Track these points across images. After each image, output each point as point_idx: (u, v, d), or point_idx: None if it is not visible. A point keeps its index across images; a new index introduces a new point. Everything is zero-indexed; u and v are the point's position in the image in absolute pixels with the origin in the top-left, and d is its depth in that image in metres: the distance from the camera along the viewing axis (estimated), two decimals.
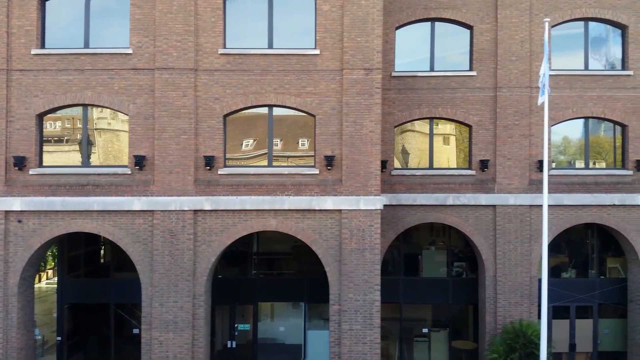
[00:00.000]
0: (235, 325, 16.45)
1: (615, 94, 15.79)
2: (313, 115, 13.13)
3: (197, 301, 13.01)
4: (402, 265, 17.07)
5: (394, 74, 15.82)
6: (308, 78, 13.01)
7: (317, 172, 13.05)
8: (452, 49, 16.28)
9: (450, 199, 15.74)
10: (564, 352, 16.79)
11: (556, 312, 16.69)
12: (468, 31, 16.03)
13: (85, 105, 13.44)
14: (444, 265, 17.08)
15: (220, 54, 13.03)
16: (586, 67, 16.06)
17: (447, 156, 16.53)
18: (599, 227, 16.61)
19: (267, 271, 16.90)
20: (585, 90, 15.79)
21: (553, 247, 17.11)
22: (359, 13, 12.89)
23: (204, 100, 13.02)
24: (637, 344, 15.99)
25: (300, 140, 13.72)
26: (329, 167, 12.92)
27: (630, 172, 15.79)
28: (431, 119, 16.15)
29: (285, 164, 13.44)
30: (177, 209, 12.88)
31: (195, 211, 12.93)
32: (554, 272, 16.95)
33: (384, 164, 15.74)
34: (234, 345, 16.36)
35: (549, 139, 13.18)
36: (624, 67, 15.99)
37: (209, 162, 12.89)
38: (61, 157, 13.68)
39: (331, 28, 12.99)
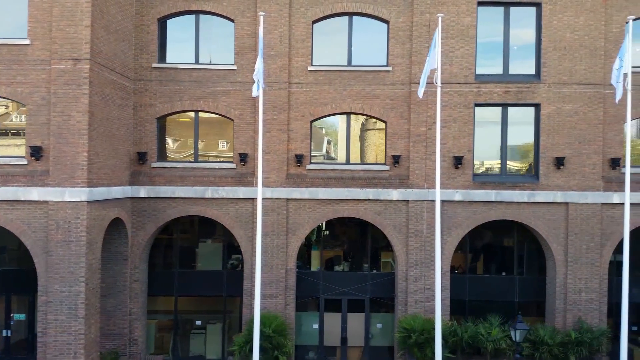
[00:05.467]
0: (11, 315, 16.44)
1: (374, 90, 15.85)
2: (24, 105, 13.07)
3: None
4: (177, 258, 17.10)
5: (155, 65, 15.80)
6: (19, 67, 12.97)
7: (26, 162, 13.01)
8: (219, 43, 16.27)
9: (209, 191, 15.78)
10: (337, 346, 16.93)
11: (329, 305, 16.82)
12: (233, 25, 16.03)
13: None
14: (220, 258, 17.14)
15: None
16: (349, 63, 16.10)
17: (211, 149, 16.60)
18: None
19: None
20: (345, 86, 15.85)
21: (329, 240, 17.30)
22: (68, 4, 12.84)
23: None
24: (398, 339, 16.00)
25: (15, 130, 13.68)
26: (36, 158, 12.87)
27: (387, 167, 15.87)
28: (195, 111, 16.17)
29: None
30: None
31: None
32: (327, 265, 17.08)
33: (143, 156, 15.79)
34: (9, 334, 16.39)
35: (262, 134, 13.15)
36: (387, 64, 16.03)
37: None
38: None
39: (42, 18, 12.95)
